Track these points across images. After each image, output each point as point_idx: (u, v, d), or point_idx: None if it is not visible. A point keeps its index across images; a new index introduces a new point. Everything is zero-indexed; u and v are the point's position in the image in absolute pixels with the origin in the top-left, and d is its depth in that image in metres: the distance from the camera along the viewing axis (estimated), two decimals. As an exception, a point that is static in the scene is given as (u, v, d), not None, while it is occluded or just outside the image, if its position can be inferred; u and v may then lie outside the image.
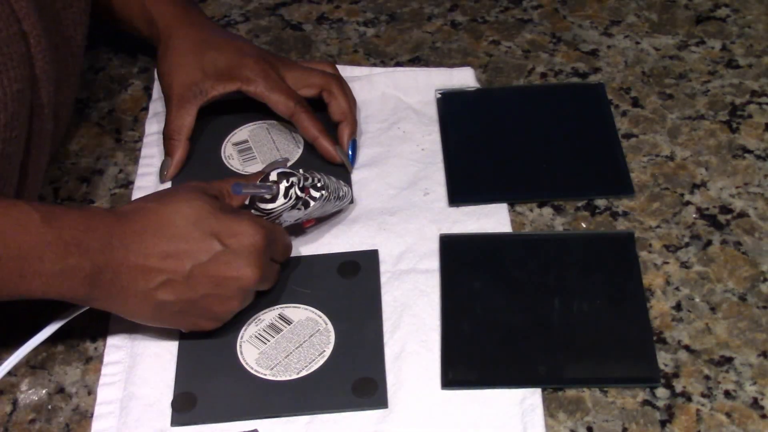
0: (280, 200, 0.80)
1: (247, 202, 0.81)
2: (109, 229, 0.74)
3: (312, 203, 0.81)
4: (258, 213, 0.80)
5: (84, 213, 0.74)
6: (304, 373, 0.78)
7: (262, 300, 0.82)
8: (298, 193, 0.80)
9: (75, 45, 0.89)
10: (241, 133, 0.97)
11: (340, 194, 0.85)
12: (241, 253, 0.76)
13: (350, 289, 0.83)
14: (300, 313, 0.82)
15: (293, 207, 0.81)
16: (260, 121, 0.97)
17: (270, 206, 0.80)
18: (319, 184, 0.82)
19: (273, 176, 0.80)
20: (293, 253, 0.86)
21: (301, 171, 0.81)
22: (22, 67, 0.76)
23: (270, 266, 0.80)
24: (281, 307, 0.82)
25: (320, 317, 0.81)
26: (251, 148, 0.95)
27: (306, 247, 0.87)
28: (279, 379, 0.78)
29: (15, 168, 0.79)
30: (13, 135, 0.76)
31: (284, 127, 0.96)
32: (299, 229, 0.87)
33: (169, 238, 0.75)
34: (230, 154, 0.95)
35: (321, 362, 0.78)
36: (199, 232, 0.75)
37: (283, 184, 0.80)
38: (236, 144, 0.95)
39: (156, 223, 0.75)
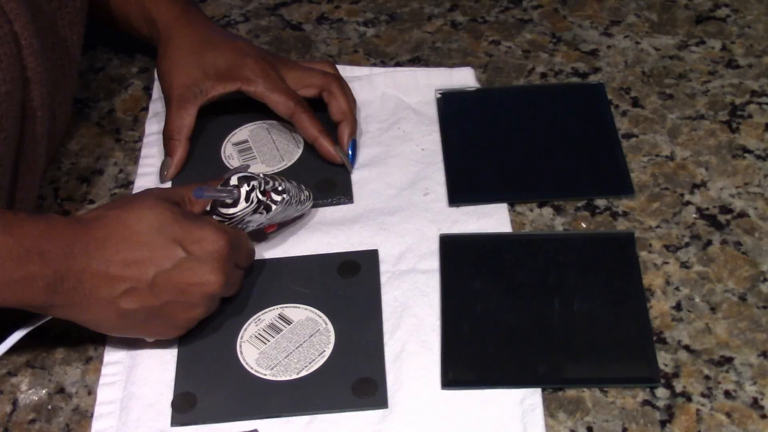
0: (242, 204, 0.79)
1: (208, 208, 0.81)
2: (70, 236, 0.73)
3: (274, 207, 0.81)
4: (220, 218, 0.80)
5: (45, 221, 0.74)
6: (304, 373, 0.78)
7: (261, 300, 0.83)
8: (260, 196, 0.80)
9: (71, 45, 0.89)
10: (241, 133, 0.97)
11: (302, 198, 0.85)
12: (205, 259, 0.76)
13: (350, 289, 0.83)
14: (300, 313, 0.82)
15: (255, 211, 0.80)
16: (260, 121, 0.97)
17: (232, 211, 0.80)
18: (280, 188, 0.82)
19: (234, 180, 0.80)
20: (292, 253, 0.86)
21: (261, 175, 0.81)
22: (13, 68, 0.76)
23: (234, 272, 0.79)
24: (281, 307, 0.82)
25: (320, 317, 0.81)
26: (251, 148, 0.95)
27: (306, 247, 0.87)
28: (279, 379, 0.78)
29: (6, 169, 0.79)
30: (1, 136, 0.76)
31: (284, 127, 0.96)
32: (262, 235, 0.87)
33: (131, 245, 0.75)
34: (230, 154, 0.95)
35: (321, 362, 0.78)
36: (162, 239, 0.75)
37: (244, 188, 0.79)
38: (236, 144, 0.95)
39: (118, 231, 0.75)
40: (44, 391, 0.79)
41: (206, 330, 0.81)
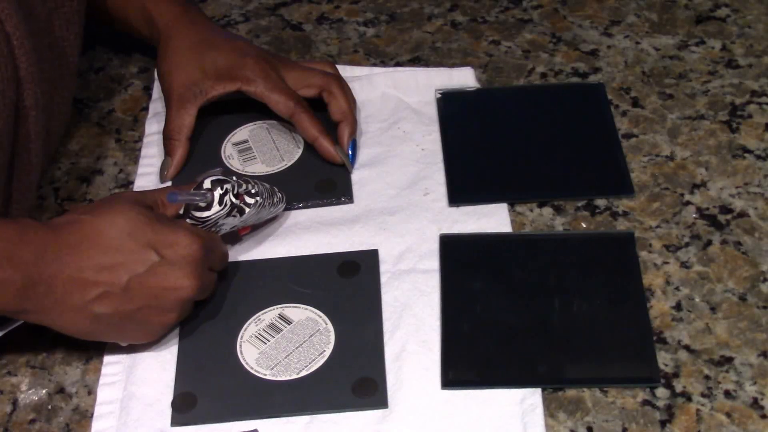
0: (215, 207, 0.79)
1: (181, 212, 0.81)
2: (42, 241, 0.73)
3: (247, 210, 0.81)
4: (193, 221, 0.80)
5: (17, 225, 0.73)
6: (304, 373, 0.78)
7: (261, 300, 0.83)
8: (233, 200, 0.80)
9: (68, 45, 0.89)
10: (241, 133, 0.97)
11: (275, 200, 0.85)
12: (179, 263, 0.76)
13: (350, 289, 0.83)
14: (300, 313, 0.82)
15: (228, 214, 0.80)
16: (260, 121, 0.97)
17: (205, 214, 0.80)
18: (253, 191, 0.82)
19: (207, 184, 0.80)
20: (292, 253, 0.86)
21: (234, 178, 0.81)
22: (4, 68, 0.76)
23: (208, 275, 0.79)
24: (281, 307, 0.82)
25: (320, 317, 0.81)
26: (251, 148, 0.95)
27: (306, 247, 0.87)
28: (279, 379, 0.78)
29: (0, 169, 0.79)
30: None
31: (284, 127, 0.96)
32: (236, 237, 0.87)
33: (104, 250, 0.74)
34: (230, 154, 0.95)
35: (321, 362, 0.78)
36: (135, 244, 0.75)
37: (218, 192, 0.79)
38: (236, 144, 0.95)
39: (91, 236, 0.75)
40: (44, 391, 0.79)
41: (206, 330, 0.81)
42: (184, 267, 0.76)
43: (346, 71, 1.00)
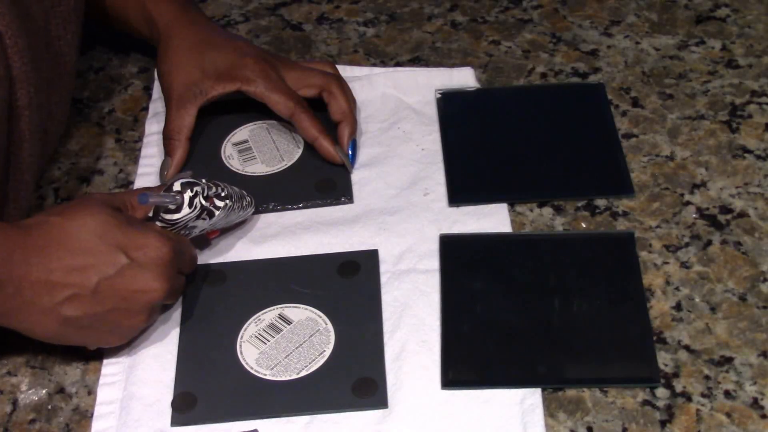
0: (185, 210, 0.79)
1: (151, 214, 0.81)
2: (10, 243, 0.73)
3: (216, 213, 0.81)
4: (163, 224, 0.80)
5: None
6: (304, 373, 0.78)
7: (261, 300, 0.83)
8: (203, 202, 0.80)
9: (66, 44, 0.88)
10: (241, 133, 0.97)
11: (244, 204, 0.85)
12: (148, 266, 0.76)
13: (350, 289, 0.83)
14: (300, 313, 0.82)
15: (198, 217, 0.80)
16: (260, 121, 0.97)
17: (175, 217, 0.80)
18: (222, 194, 0.82)
19: (177, 186, 0.80)
20: (292, 253, 0.86)
21: (204, 181, 0.81)
22: None
23: (177, 279, 0.79)
24: (281, 307, 0.82)
25: (320, 317, 0.81)
26: (251, 148, 0.95)
27: (306, 247, 0.87)
28: (279, 379, 0.78)
29: None
30: None
31: (284, 127, 0.96)
32: (205, 241, 0.87)
33: (73, 252, 0.74)
34: (230, 154, 0.95)
35: (321, 362, 0.78)
36: (104, 246, 0.74)
37: (188, 194, 0.79)
38: (236, 144, 0.95)
39: (60, 238, 0.74)
40: (44, 391, 0.79)
41: (206, 330, 0.81)
42: (153, 270, 0.76)
43: (346, 71, 1.00)
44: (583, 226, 0.88)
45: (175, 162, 0.92)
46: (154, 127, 0.98)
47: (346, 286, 0.83)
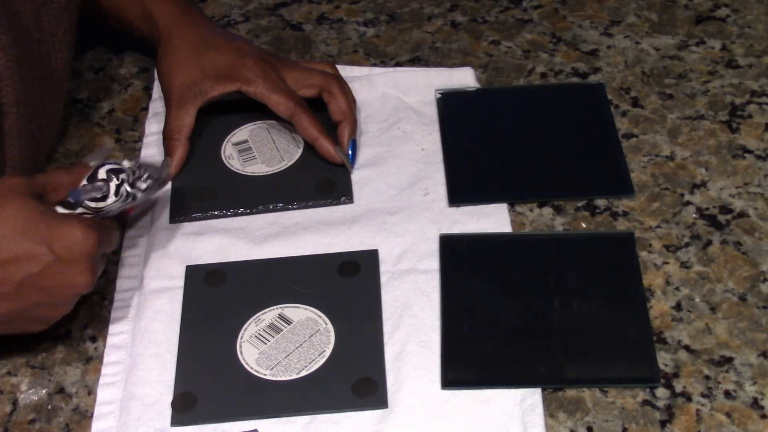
0: (111, 199, 0.77)
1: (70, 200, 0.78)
2: None
3: (139, 195, 0.80)
4: (85, 211, 0.77)
5: None
6: (304, 374, 0.78)
7: (261, 300, 0.82)
8: (128, 189, 0.78)
9: (57, 41, 0.88)
10: (241, 133, 0.96)
11: (162, 180, 0.83)
12: (74, 260, 0.73)
13: (350, 289, 0.83)
14: (300, 313, 0.82)
15: (123, 202, 0.79)
16: (260, 121, 0.97)
17: (100, 205, 0.77)
18: (145, 175, 0.80)
19: (102, 174, 0.77)
20: (292, 253, 0.86)
21: (127, 165, 0.79)
22: None
23: (100, 265, 0.77)
24: (281, 307, 0.82)
25: (320, 317, 0.81)
26: (251, 148, 0.95)
27: (306, 246, 0.87)
28: (279, 379, 0.78)
29: None
30: None
31: (284, 127, 0.96)
32: (123, 217, 0.85)
33: None
34: (230, 154, 0.95)
35: (321, 362, 0.78)
36: (28, 242, 0.72)
37: (113, 183, 0.77)
38: (236, 144, 0.95)
39: None
40: (44, 391, 0.79)
41: (206, 330, 0.81)
42: (80, 263, 0.74)
43: (346, 71, 1.00)
44: (583, 226, 0.88)
45: (175, 162, 0.92)
46: (154, 127, 0.98)
47: (346, 286, 0.83)
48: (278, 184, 0.91)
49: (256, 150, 0.95)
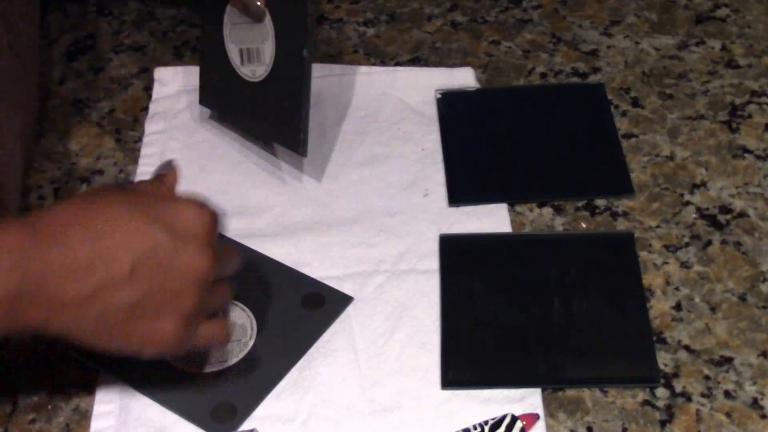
0: None
1: None
2: (17, 239, 0.62)
3: None
4: None
5: None
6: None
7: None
8: None
9: (29, 37, 0.88)
10: None
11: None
12: (190, 238, 0.66)
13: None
14: (238, 315, 0.81)
15: None
16: None
17: None
18: None
19: None
20: (292, 253, 0.86)
21: None
22: None
23: (216, 256, 0.68)
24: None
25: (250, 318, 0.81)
26: None
27: (306, 246, 0.87)
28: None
29: None
30: None
31: None
32: None
33: (97, 232, 0.64)
34: None
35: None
36: (135, 221, 0.64)
37: None
38: None
39: (80, 219, 0.64)
40: (44, 391, 0.79)
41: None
42: (195, 242, 0.66)
43: (346, 71, 1.00)
44: (583, 226, 0.88)
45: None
46: (153, 127, 0.98)
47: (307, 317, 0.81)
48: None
49: None
